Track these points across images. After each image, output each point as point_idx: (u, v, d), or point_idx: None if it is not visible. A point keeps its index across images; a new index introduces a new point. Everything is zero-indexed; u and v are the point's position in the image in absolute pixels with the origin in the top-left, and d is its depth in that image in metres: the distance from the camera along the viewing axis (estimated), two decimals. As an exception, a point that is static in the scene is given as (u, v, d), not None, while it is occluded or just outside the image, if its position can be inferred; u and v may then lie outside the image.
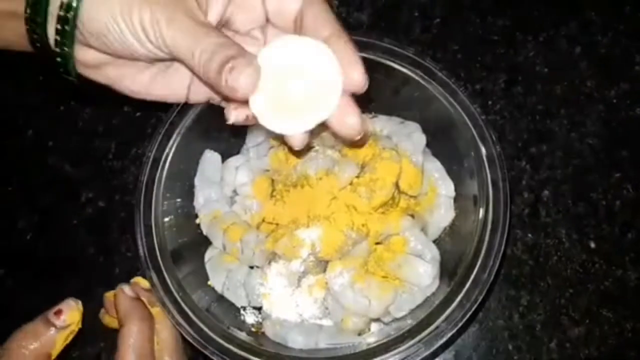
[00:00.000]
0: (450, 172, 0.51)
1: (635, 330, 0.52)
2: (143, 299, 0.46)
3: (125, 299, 0.45)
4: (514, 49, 0.62)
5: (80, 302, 0.45)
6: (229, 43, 0.35)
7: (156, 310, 0.46)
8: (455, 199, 0.51)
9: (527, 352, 0.53)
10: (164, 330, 0.46)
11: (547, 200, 0.57)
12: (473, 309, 0.43)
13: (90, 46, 0.38)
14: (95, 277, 0.57)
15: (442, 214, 0.50)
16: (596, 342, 0.52)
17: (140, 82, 0.41)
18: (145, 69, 0.40)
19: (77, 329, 0.45)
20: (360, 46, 0.49)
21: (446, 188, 0.51)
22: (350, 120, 0.38)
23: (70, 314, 0.44)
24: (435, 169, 0.51)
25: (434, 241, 0.50)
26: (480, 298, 0.43)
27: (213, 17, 0.38)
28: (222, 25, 0.39)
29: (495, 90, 0.61)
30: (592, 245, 0.55)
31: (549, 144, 0.58)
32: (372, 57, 0.49)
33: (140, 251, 0.47)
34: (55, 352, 0.43)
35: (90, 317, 0.53)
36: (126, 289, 0.46)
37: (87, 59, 0.39)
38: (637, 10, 0.62)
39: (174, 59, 0.37)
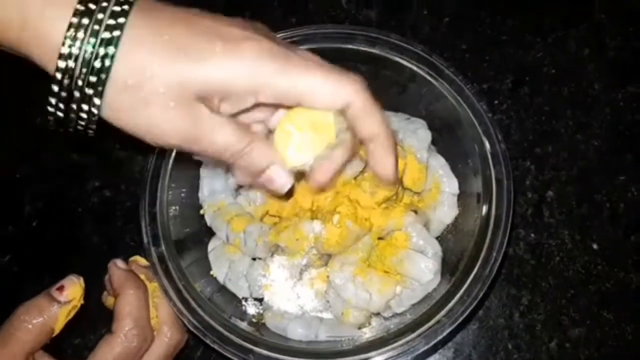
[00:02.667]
0: (454, 170, 0.52)
1: (635, 333, 0.52)
2: (141, 275, 0.47)
3: (118, 271, 0.46)
4: (522, 49, 0.62)
5: (82, 278, 0.46)
6: (261, 142, 0.38)
7: (154, 286, 0.47)
8: (459, 196, 0.51)
9: (527, 351, 0.53)
10: (163, 304, 0.46)
11: (551, 200, 0.57)
12: (473, 305, 0.43)
13: None
14: (99, 265, 0.57)
15: (445, 211, 0.51)
16: (596, 343, 0.52)
17: None
18: None
19: (79, 305, 0.46)
20: (368, 41, 0.50)
21: (450, 185, 0.51)
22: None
23: (72, 290, 0.45)
24: (440, 165, 0.51)
25: (437, 238, 0.51)
26: (481, 294, 0.43)
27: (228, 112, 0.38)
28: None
29: (502, 90, 0.61)
30: (595, 246, 0.55)
31: (554, 144, 0.58)
32: (379, 52, 0.49)
33: (145, 240, 0.47)
34: (58, 327, 0.44)
35: (93, 305, 0.53)
36: (118, 262, 0.47)
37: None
38: (647, 14, 0.62)
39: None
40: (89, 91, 0.33)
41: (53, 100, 0.34)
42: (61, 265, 0.58)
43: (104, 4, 0.32)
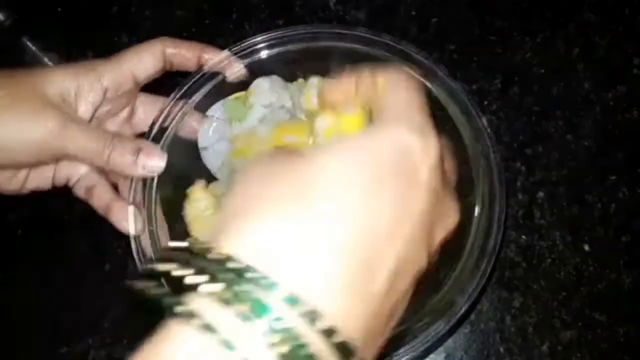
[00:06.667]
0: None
1: (627, 335, 0.52)
2: None
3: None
4: (511, 49, 0.62)
5: None
6: (124, 137, 0.44)
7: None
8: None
9: (519, 354, 0.52)
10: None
11: (542, 202, 0.56)
12: (462, 311, 0.42)
13: None
14: (86, 273, 0.57)
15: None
16: (588, 345, 0.52)
17: (16, 182, 0.46)
18: (18, 171, 0.46)
19: None
20: (334, 38, 0.49)
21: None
22: None
23: None
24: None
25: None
26: (470, 302, 0.42)
27: (87, 113, 0.44)
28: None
29: (491, 91, 0.60)
30: (587, 248, 0.55)
31: (544, 145, 0.58)
32: (348, 45, 0.49)
33: (133, 248, 0.46)
34: None
35: (80, 315, 0.53)
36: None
37: None
38: (637, 13, 0.62)
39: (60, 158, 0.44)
40: None
41: None
42: (47, 274, 0.57)
43: None
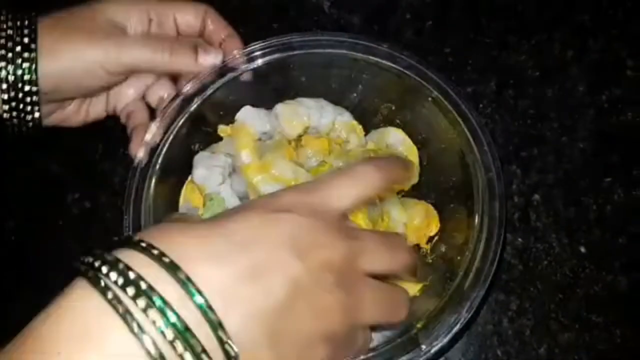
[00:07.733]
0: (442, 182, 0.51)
1: (624, 336, 0.52)
2: None
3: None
4: (505, 52, 0.62)
5: None
6: (180, 37, 0.49)
7: None
8: (449, 210, 0.51)
9: (516, 357, 0.52)
10: None
11: (538, 204, 0.56)
12: (462, 324, 0.42)
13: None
14: (81, 279, 0.56)
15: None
16: (585, 347, 0.52)
17: (81, 114, 0.51)
18: (84, 102, 0.51)
19: None
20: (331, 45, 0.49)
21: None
22: None
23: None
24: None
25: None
26: (470, 314, 0.42)
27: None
28: None
29: (486, 94, 0.60)
30: (583, 250, 0.55)
31: (540, 148, 0.58)
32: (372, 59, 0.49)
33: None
34: None
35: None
36: None
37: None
38: (630, 15, 0.62)
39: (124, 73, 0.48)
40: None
41: (6, 107, 0.46)
42: (42, 280, 0.56)
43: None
